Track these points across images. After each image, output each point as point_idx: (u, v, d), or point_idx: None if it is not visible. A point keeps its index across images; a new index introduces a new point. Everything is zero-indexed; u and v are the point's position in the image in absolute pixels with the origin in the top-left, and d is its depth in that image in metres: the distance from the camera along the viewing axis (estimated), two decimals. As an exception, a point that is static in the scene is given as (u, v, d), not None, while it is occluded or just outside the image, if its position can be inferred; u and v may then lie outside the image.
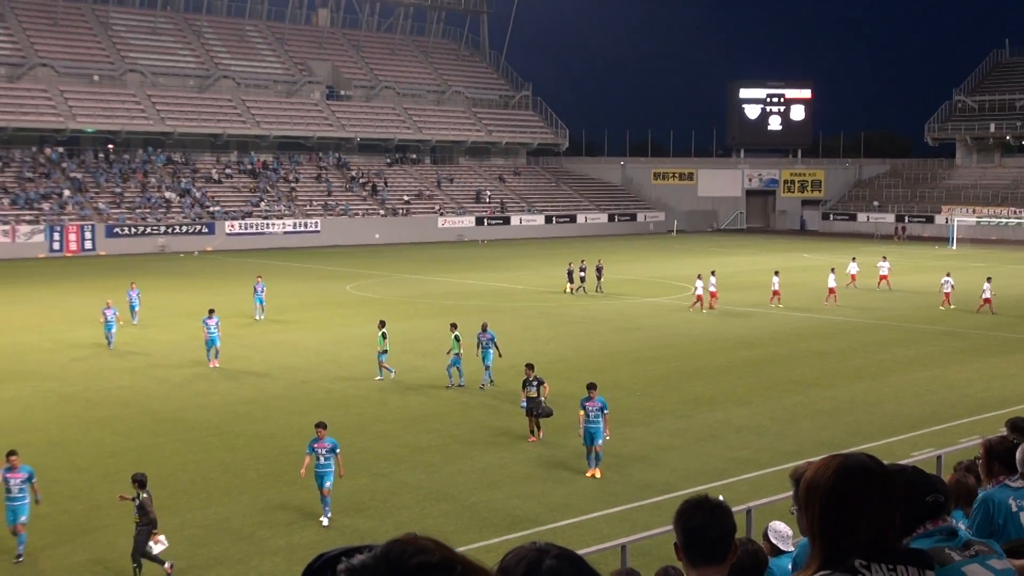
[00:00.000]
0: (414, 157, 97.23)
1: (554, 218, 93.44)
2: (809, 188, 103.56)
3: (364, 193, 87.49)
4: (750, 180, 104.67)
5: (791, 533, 7.44)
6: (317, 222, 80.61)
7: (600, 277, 48.13)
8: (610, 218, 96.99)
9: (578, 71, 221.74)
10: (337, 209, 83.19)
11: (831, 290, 44.36)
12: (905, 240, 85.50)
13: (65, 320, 38.52)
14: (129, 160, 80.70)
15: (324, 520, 16.88)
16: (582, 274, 47.46)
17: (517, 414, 23.06)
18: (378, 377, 28.35)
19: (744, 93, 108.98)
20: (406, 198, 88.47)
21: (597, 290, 47.45)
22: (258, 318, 38.27)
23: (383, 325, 28.73)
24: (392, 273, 57.93)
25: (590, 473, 19.29)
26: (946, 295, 42.85)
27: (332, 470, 17.01)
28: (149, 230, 73.14)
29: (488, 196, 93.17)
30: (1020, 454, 5.46)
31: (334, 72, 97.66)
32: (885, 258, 51.17)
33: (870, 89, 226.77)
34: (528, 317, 40.81)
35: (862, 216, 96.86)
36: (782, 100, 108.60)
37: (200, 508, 17.82)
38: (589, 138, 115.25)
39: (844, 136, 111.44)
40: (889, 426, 23.08)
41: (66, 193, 73.77)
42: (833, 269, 45.49)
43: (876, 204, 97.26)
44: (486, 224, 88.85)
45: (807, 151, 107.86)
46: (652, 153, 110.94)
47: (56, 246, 69.00)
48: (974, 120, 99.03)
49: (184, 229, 74.49)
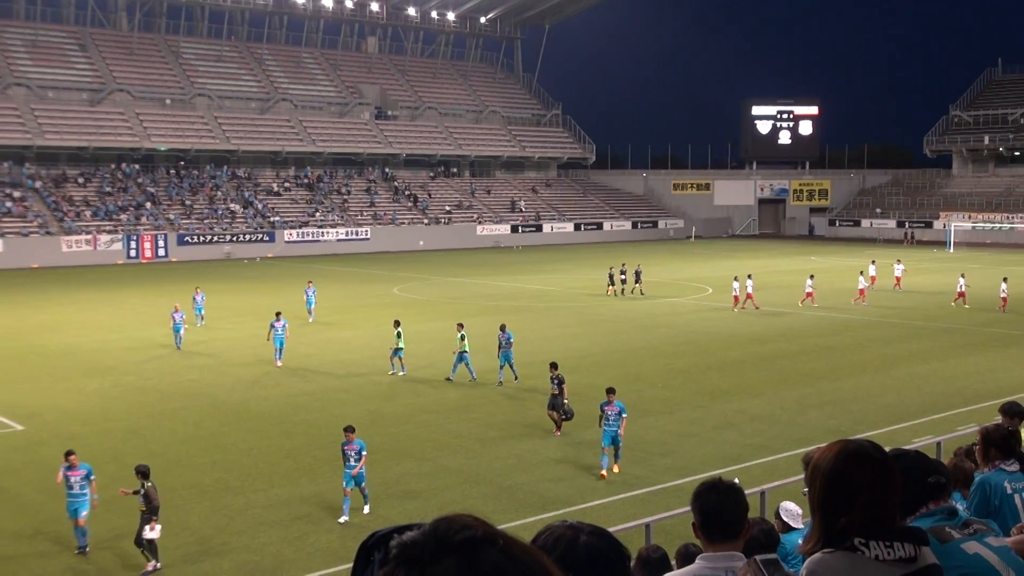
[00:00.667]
0: (455, 171, 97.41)
1: (582, 225, 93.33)
2: (816, 197, 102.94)
3: (409, 204, 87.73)
4: (762, 190, 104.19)
5: (801, 512, 7.43)
6: (367, 230, 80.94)
7: (639, 280, 47.44)
8: (633, 225, 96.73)
9: (604, 91, 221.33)
10: (385, 218, 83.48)
11: (861, 291, 43.63)
12: (914, 244, 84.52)
13: (140, 321, 38.87)
14: (198, 175, 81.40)
15: (365, 508, 16.63)
16: (623, 277, 47.07)
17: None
18: (391, 371, 28.23)
19: (756, 110, 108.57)
20: (447, 208, 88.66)
21: (635, 292, 46.73)
22: (309, 321, 37.99)
23: (398, 324, 28.69)
24: (435, 276, 58.08)
25: (603, 473, 18.28)
26: (960, 293, 42.28)
27: (362, 471, 16.61)
28: (216, 238, 73.75)
29: (522, 206, 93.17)
30: None
31: (382, 94, 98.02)
32: (899, 261, 50.60)
33: (873, 105, 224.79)
34: (559, 316, 40.80)
35: (866, 222, 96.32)
36: (791, 116, 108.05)
37: (263, 490, 17.94)
38: (614, 152, 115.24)
39: (849, 149, 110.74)
40: (892, 415, 22.87)
41: (143, 205, 74.55)
42: (862, 272, 44.90)
43: (879, 211, 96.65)
44: (520, 231, 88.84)
45: (814, 163, 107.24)
46: (672, 165, 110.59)
47: (132, 253, 69.70)
48: (969, 133, 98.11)
49: (247, 237, 75.03)
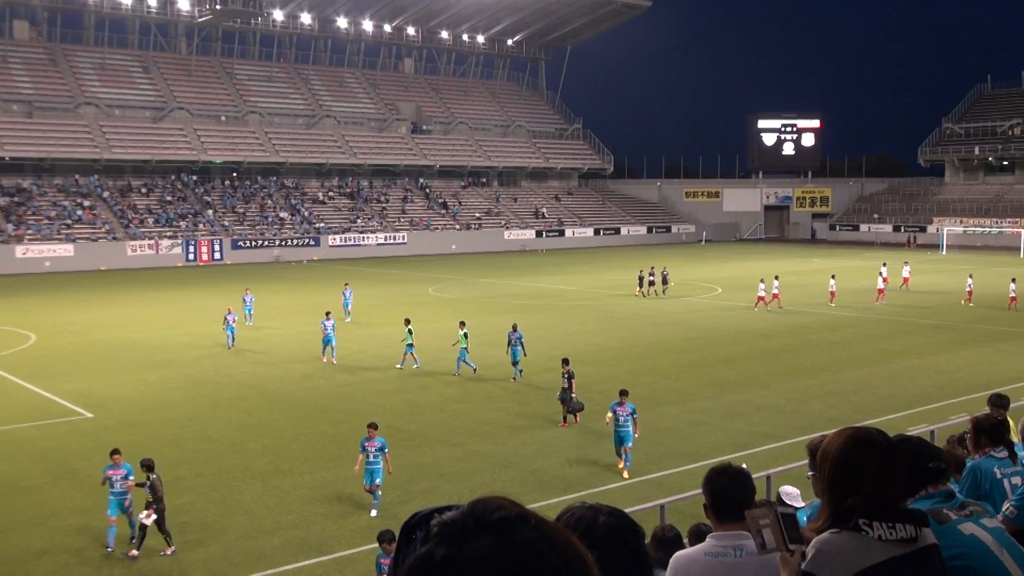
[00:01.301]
0: (484, 180, 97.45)
1: (601, 231, 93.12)
2: (818, 203, 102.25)
3: (442, 211, 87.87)
4: (768, 197, 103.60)
5: (799, 493, 7.42)
6: (404, 235, 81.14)
7: (666, 282, 46.96)
8: (648, 230, 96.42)
9: (621, 107, 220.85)
10: (420, 224, 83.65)
11: (880, 291, 42.94)
12: (916, 248, 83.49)
13: (198, 318, 39.06)
14: (250, 185, 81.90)
15: (373, 512, 15.64)
16: (651, 279, 46.63)
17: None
18: (398, 365, 28.03)
19: (762, 124, 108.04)
20: (477, 215, 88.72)
21: (663, 293, 46.08)
22: (346, 320, 37.25)
23: (408, 323, 28.58)
24: (467, 277, 58.16)
25: (623, 469, 17.68)
26: (969, 292, 41.65)
27: (381, 467, 15.91)
28: (266, 243, 74.17)
29: (546, 212, 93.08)
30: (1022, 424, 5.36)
31: (417, 111, 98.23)
32: (907, 263, 49.85)
33: (870, 118, 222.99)
34: (580, 313, 40.75)
35: (864, 227, 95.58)
36: (794, 129, 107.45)
37: (309, 472, 18.03)
38: (630, 163, 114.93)
39: (848, 159, 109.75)
40: (888, 405, 22.68)
41: (200, 213, 75.11)
42: (881, 273, 44.19)
43: (876, 216, 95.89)
44: (544, 236, 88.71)
45: (816, 172, 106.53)
46: (684, 175, 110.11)
47: (191, 257, 70.22)
48: (961, 144, 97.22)
49: (294, 242, 75.41)
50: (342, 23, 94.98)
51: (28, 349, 32.25)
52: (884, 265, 47.76)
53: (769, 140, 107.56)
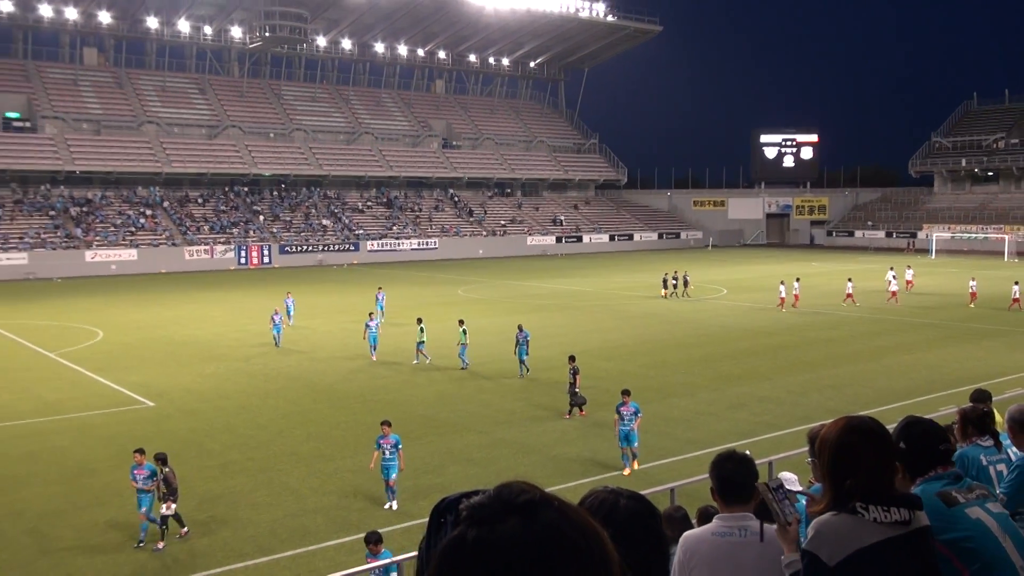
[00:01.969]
0: (508, 191, 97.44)
1: (616, 237, 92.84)
2: (816, 211, 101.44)
3: (470, 219, 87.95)
4: (769, 206, 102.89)
5: (796, 478, 7.38)
6: (436, 241, 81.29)
7: (687, 285, 46.34)
8: (659, 236, 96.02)
9: (634, 123, 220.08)
10: (450, 231, 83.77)
11: (893, 292, 42.02)
12: (915, 252, 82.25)
13: (249, 316, 39.27)
14: (295, 196, 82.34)
15: (393, 505, 15.14)
16: (674, 282, 46.06)
17: (584, 395, 22.89)
18: (414, 361, 27.86)
19: (764, 138, 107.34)
20: (502, 222, 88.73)
21: (683, 295, 45.43)
22: (379, 321, 37.12)
23: (420, 321, 28.44)
24: (493, 280, 58.19)
25: (627, 472, 16.72)
26: (972, 294, 40.72)
27: (396, 463, 15.29)
28: (310, 248, 74.55)
29: (564, 220, 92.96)
30: (1009, 415, 5.26)
31: (448, 127, 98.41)
32: (910, 267, 48.95)
33: (864, 133, 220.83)
34: (596, 312, 40.65)
35: (859, 233, 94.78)
36: (794, 143, 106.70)
37: (349, 457, 18.07)
38: (643, 174, 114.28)
39: (844, 170, 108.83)
40: (882, 398, 22.45)
41: (251, 221, 75.62)
42: (897, 276, 43.31)
43: (870, 224, 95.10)
44: (563, 242, 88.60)
45: (814, 182, 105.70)
46: (692, 185, 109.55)
47: (243, 261, 70.72)
48: (948, 157, 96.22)
49: (336, 247, 75.72)
50: (379, 48, 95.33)
51: (96, 344, 32.59)
52: (892, 269, 46.74)
53: (771, 153, 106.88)
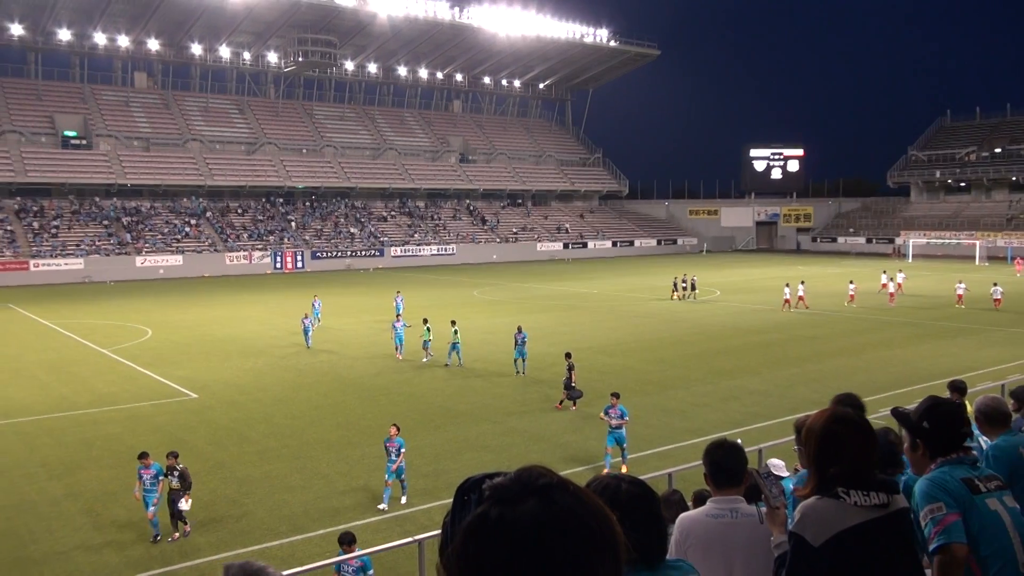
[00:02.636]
0: (520, 201, 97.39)
1: (618, 243, 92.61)
2: (802, 219, 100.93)
3: (485, 227, 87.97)
4: (759, 214, 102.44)
5: (784, 464, 7.34)
6: (453, 247, 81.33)
7: (694, 288, 45.74)
8: (658, 243, 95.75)
9: (634, 139, 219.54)
10: (467, 238, 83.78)
11: (891, 294, 41.41)
12: (900, 257, 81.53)
13: (284, 316, 39.38)
14: (326, 206, 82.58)
15: (403, 499, 14.43)
16: (683, 284, 45.48)
17: (585, 390, 22.87)
18: (424, 359, 27.62)
19: (754, 152, 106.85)
20: (514, 230, 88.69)
21: (690, 297, 44.87)
22: (405, 324, 36.55)
23: (426, 321, 28.27)
24: (505, 282, 58.17)
25: (605, 471, 15.18)
26: (959, 296, 39.91)
27: (402, 465, 14.56)
28: (339, 254, 74.72)
29: (569, 228, 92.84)
30: (976, 407, 5.13)
31: (464, 143, 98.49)
32: (901, 271, 48.26)
33: (846, 147, 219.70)
34: (600, 312, 40.58)
35: (841, 239, 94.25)
36: (781, 157, 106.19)
37: (375, 444, 18.01)
38: (642, 185, 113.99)
39: (827, 181, 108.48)
40: (862, 390, 22.09)
41: (285, 229, 75.87)
42: (892, 278, 42.55)
43: (851, 230, 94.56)
44: (570, 248, 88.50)
45: (800, 193, 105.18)
46: (688, 195, 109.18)
47: (278, 265, 70.96)
48: (924, 169, 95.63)
49: (362, 253, 75.87)
50: (402, 71, 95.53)
51: (146, 342, 32.75)
52: (885, 272, 46.17)
53: (760, 166, 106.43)
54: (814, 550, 2.83)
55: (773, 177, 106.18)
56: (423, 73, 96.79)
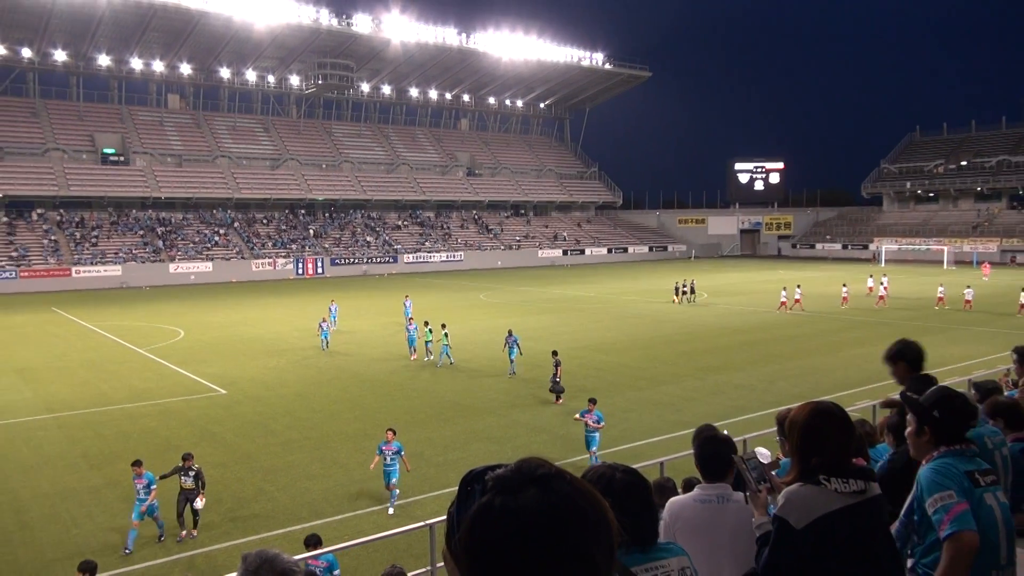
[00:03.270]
0: (522, 212, 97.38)
1: (613, 250, 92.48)
2: (783, 227, 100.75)
3: (490, 235, 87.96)
4: (743, 223, 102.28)
5: (769, 454, 7.29)
6: (461, 254, 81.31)
7: (693, 291, 44.65)
8: (649, 249, 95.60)
9: (628, 153, 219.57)
10: (473, 246, 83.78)
11: (881, 296, 40.88)
12: (873, 262, 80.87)
13: (305, 318, 39.31)
14: (344, 217, 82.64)
15: (390, 510, 13.42)
16: (685, 289, 44.39)
17: (578, 386, 22.77)
18: (427, 358, 27.38)
19: (738, 166, 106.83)
20: (517, 238, 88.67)
21: (691, 300, 43.92)
22: (417, 326, 36.33)
23: (428, 324, 28.20)
24: (509, 286, 58.15)
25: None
26: (939, 298, 39.58)
27: (396, 468, 13.70)
28: (356, 261, 74.72)
29: (567, 236, 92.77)
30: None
31: (471, 159, 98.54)
32: (885, 275, 47.29)
33: (823, 160, 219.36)
34: (596, 313, 40.52)
35: (819, 246, 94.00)
36: (763, 170, 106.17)
37: (389, 436, 18.08)
38: (635, 196, 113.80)
39: (806, 192, 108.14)
40: (839, 385, 22.26)
41: (307, 238, 75.94)
42: (883, 282, 41.97)
43: (828, 237, 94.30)
44: (569, 254, 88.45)
45: (781, 203, 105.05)
46: (677, 206, 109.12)
47: (300, 271, 70.98)
48: (896, 180, 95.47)
49: (377, 260, 75.87)
50: (414, 92, 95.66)
51: (178, 342, 32.78)
52: (871, 276, 45.69)
53: (744, 178, 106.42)
54: (797, 532, 2.82)
55: (756, 188, 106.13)
56: (433, 94, 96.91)
